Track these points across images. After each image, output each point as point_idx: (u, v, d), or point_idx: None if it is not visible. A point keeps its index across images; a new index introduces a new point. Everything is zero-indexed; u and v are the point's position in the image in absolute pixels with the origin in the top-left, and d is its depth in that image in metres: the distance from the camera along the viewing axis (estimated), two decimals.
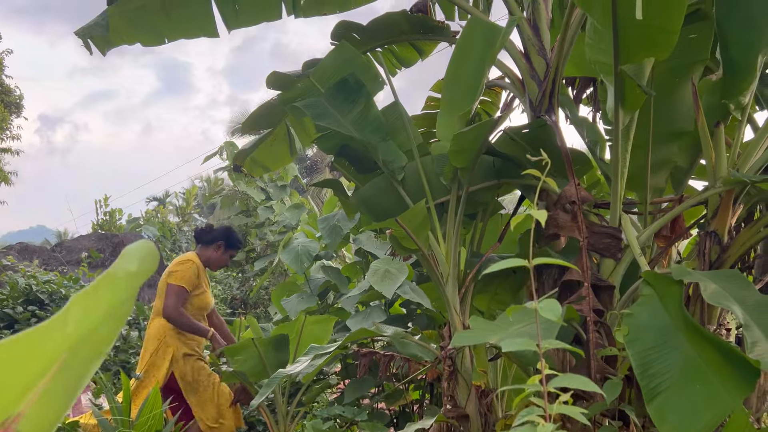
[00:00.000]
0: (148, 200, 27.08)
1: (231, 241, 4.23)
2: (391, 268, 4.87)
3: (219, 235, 4.19)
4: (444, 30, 3.81)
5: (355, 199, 3.39)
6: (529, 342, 1.27)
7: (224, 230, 4.26)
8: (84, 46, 3.98)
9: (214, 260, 4.16)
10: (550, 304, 1.26)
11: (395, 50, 4.09)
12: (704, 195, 2.64)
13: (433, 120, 4.25)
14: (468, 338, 2.08)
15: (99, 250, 7.99)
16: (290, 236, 7.10)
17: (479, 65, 2.90)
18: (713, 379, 1.95)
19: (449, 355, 3.05)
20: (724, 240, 2.64)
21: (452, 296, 3.10)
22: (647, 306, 2.22)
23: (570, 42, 3.07)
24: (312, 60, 3.95)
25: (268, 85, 4.04)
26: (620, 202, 2.66)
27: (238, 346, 3.64)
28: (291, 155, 4.48)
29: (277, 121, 4.34)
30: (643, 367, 2.06)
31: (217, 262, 4.20)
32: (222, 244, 4.17)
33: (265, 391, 2.96)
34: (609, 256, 2.64)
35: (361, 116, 3.26)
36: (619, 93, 2.42)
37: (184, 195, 14.68)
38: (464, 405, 3.04)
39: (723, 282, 2.14)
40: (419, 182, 3.15)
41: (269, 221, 9.82)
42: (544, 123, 3.01)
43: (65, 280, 5.91)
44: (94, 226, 12.57)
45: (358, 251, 6.02)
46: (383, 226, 2.91)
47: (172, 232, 13.05)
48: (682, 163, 3.19)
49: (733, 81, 2.57)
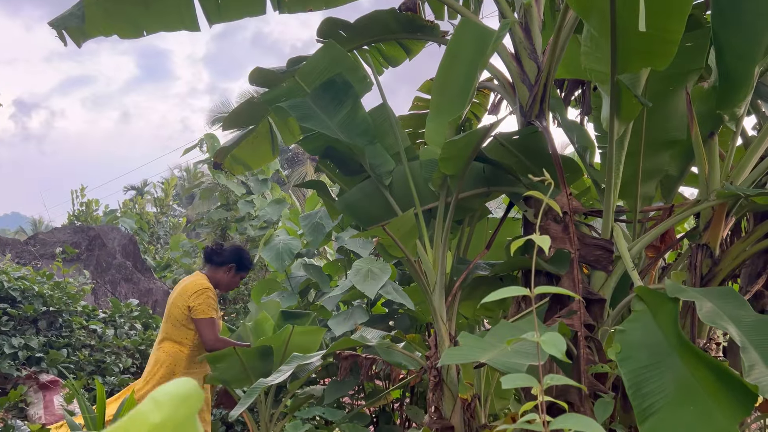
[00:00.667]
0: (126, 189, 26.71)
1: (242, 264, 4.07)
2: (374, 267, 4.80)
3: (230, 257, 4.02)
4: (433, 29, 3.72)
5: (341, 204, 3.30)
6: (530, 378, 1.19)
7: (235, 252, 4.10)
8: (58, 37, 3.82)
9: (224, 283, 4.03)
10: (553, 337, 1.19)
11: (382, 49, 3.99)
12: (697, 208, 2.59)
13: (421, 120, 4.17)
14: (457, 356, 2.01)
15: (74, 244, 7.80)
16: (271, 233, 6.99)
17: (470, 69, 2.82)
18: (708, 400, 1.91)
19: (435, 365, 2.98)
20: (716, 253, 2.60)
21: (439, 305, 3.03)
22: (640, 323, 2.17)
23: (562, 46, 3.00)
24: (297, 57, 3.84)
25: (251, 81, 3.92)
26: (612, 213, 2.61)
27: (220, 354, 3.54)
28: (273, 154, 4.37)
29: (259, 118, 4.22)
30: (636, 387, 2.01)
31: (228, 285, 4.06)
32: (233, 267, 4.02)
33: (246, 401, 2.87)
34: (600, 268, 2.59)
35: (348, 118, 3.17)
36: (615, 103, 2.36)
37: (163, 185, 14.43)
38: (449, 416, 2.97)
39: (718, 300, 2.09)
40: (407, 188, 3.07)
41: (249, 216, 9.66)
42: (535, 129, 2.94)
43: (39, 276, 5.73)
44: (70, 217, 12.30)
45: (340, 249, 5.93)
46: (370, 234, 2.83)
47: (150, 224, 12.84)
48: (673, 171, 3.15)
49: (729, 91, 2.52)
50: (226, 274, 4.00)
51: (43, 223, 27.21)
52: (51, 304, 5.47)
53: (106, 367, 5.29)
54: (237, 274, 4.04)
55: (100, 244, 8.45)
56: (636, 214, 3.02)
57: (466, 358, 2.02)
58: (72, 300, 5.69)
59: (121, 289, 8.20)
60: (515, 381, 1.21)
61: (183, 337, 3.84)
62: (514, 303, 3.23)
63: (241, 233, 9.70)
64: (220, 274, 3.99)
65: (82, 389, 4.35)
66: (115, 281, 8.19)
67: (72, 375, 4.97)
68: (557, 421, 1.16)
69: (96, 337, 5.60)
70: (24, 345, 4.98)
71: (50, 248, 7.77)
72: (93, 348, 5.50)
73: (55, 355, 5.03)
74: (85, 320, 5.69)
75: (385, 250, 2.96)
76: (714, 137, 2.68)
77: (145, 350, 5.78)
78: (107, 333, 5.67)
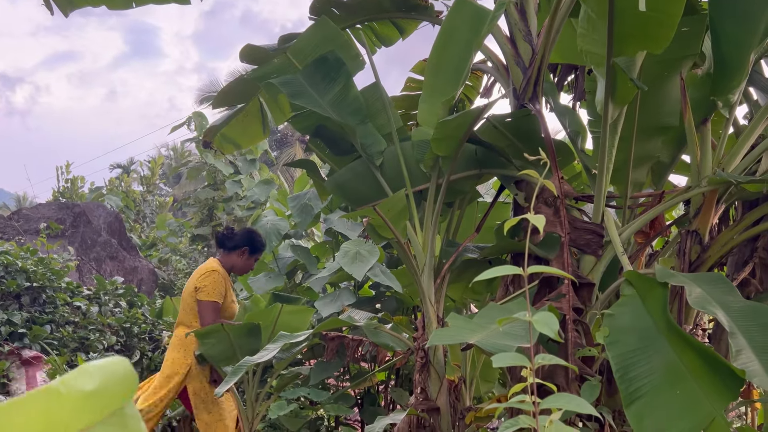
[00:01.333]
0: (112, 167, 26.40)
1: (255, 246, 4.10)
2: (362, 250, 4.77)
3: (242, 241, 4.05)
4: (427, 9, 3.67)
5: (331, 184, 3.26)
6: (521, 357, 1.18)
7: (247, 234, 4.13)
8: (44, 5, 3.73)
9: (238, 266, 4.06)
10: (545, 317, 1.18)
11: (375, 28, 3.93)
12: (688, 194, 2.60)
13: (413, 101, 4.13)
14: (446, 337, 2.00)
15: (59, 221, 7.69)
16: (259, 213, 6.96)
17: (465, 50, 2.79)
18: (694, 385, 1.92)
19: (422, 346, 2.98)
20: (705, 240, 2.61)
21: (427, 286, 3.02)
22: (629, 307, 2.17)
23: (557, 29, 2.97)
24: (288, 34, 3.77)
25: (241, 59, 3.85)
26: (604, 198, 2.60)
27: (208, 329, 3.51)
28: (264, 133, 4.32)
29: (249, 97, 4.16)
30: (623, 370, 2.02)
31: (242, 268, 4.10)
32: (246, 250, 4.04)
33: (231, 379, 2.86)
34: (590, 252, 2.59)
35: (339, 96, 3.13)
36: (610, 86, 2.34)
37: (150, 164, 14.28)
38: (435, 397, 2.98)
39: (707, 286, 2.10)
40: (398, 168, 3.05)
41: (237, 196, 9.59)
42: (528, 112, 2.92)
43: (22, 251, 5.65)
44: (55, 194, 12.14)
45: (328, 231, 5.90)
46: (361, 214, 2.81)
47: (136, 202, 12.71)
48: (665, 158, 3.15)
49: (723, 78, 2.52)
50: (239, 257, 4.03)
51: (27, 199, 26.88)
52: (35, 280, 5.40)
53: (90, 344, 5.25)
54: (251, 256, 4.08)
55: (86, 221, 8.35)
56: (626, 200, 3.02)
57: (454, 339, 2.02)
58: (56, 276, 5.62)
59: (106, 266, 8.13)
60: (506, 360, 1.19)
61: (193, 320, 3.88)
62: (502, 286, 3.22)
63: (229, 213, 9.64)
64: (234, 258, 4.02)
65: (65, 365, 4.32)
66: (100, 259, 8.12)
67: (55, 351, 4.93)
68: (548, 400, 1.15)
69: (80, 314, 5.54)
70: (6, 320, 4.91)
71: (34, 224, 7.66)
72: (77, 325, 5.45)
73: (38, 331, 4.97)
74: (69, 297, 5.63)
75: (374, 231, 2.94)
76: (707, 124, 2.67)
77: (130, 328, 5.74)
78: (91, 310, 5.61)
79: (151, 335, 5.92)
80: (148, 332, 5.88)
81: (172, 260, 10.25)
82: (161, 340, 5.85)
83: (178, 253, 10.65)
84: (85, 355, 4.96)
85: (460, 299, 3.70)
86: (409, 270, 3.18)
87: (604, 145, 2.51)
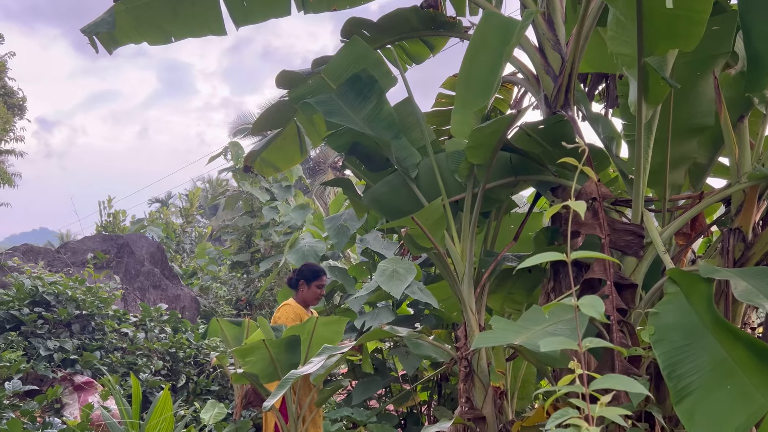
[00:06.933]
0: (151, 202, 27.06)
1: (306, 275, 4.55)
2: (399, 268, 4.79)
3: (297, 277, 4.56)
4: (455, 25, 3.75)
5: (367, 198, 3.32)
6: (569, 341, 1.20)
7: (299, 270, 4.65)
8: (90, 44, 3.92)
9: (308, 298, 4.55)
10: (591, 300, 1.20)
11: (406, 46, 4.03)
12: (729, 191, 2.58)
13: (444, 117, 4.19)
14: (492, 339, 2.02)
15: (104, 252, 7.93)
16: (296, 236, 7.05)
17: (495, 60, 2.84)
18: (745, 379, 1.89)
19: (465, 356, 2.99)
20: (748, 237, 2.57)
21: (468, 296, 3.04)
22: (673, 305, 2.16)
23: (586, 36, 3.01)
24: (321, 58, 3.89)
25: (277, 84, 3.98)
26: (642, 198, 2.60)
27: (249, 347, 3.58)
28: (301, 154, 4.43)
29: (286, 121, 4.29)
30: (671, 368, 2.00)
31: (312, 297, 4.56)
32: (303, 282, 4.53)
33: (278, 392, 2.90)
34: (631, 253, 2.58)
35: (373, 113, 3.20)
36: (642, 86, 2.36)
37: (188, 196, 14.62)
38: (481, 406, 2.97)
39: (753, 279, 2.07)
40: (433, 180, 3.09)
41: (274, 222, 9.73)
42: (560, 118, 2.95)
43: (71, 281, 5.84)
44: (98, 228, 12.50)
45: (365, 251, 5.95)
46: (399, 224, 2.85)
47: (176, 233, 12.99)
48: (702, 159, 3.13)
49: (758, 73, 2.50)
50: (303, 290, 4.54)
51: (71, 236, 27.68)
52: (84, 308, 5.58)
53: (138, 369, 5.37)
54: (311, 284, 4.54)
55: (129, 251, 8.58)
56: (665, 202, 3.00)
57: (499, 341, 2.04)
58: (104, 304, 5.79)
59: (149, 295, 8.31)
60: (555, 344, 1.22)
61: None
62: (543, 294, 3.22)
63: (266, 239, 9.78)
64: (301, 294, 4.54)
65: (117, 386, 4.43)
66: (143, 288, 8.31)
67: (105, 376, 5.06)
68: (600, 380, 1.17)
69: (127, 340, 5.69)
70: (59, 347, 5.08)
71: (80, 256, 7.91)
72: (125, 351, 5.59)
73: (88, 357, 5.12)
74: (116, 324, 5.78)
75: (412, 242, 2.98)
76: (744, 120, 2.66)
77: (175, 353, 5.86)
78: (138, 336, 5.76)
79: (196, 359, 6.03)
80: (193, 357, 5.99)
81: (213, 287, 10.42)
82: (208, 364, 5.95)
83: (218, 280, 10.82)
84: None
85: (499, 309, 3.70)
86: (448, 281, 3.20)
87: (639, 147, 2.52)
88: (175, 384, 5.66)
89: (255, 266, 9.88)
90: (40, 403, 4.22)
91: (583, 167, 1.38)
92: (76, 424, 3.58)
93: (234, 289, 10.33)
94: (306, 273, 4.57)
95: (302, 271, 4.62)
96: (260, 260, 9.72)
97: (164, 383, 5.24)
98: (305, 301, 4.55)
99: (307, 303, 4.57)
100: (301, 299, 4.54)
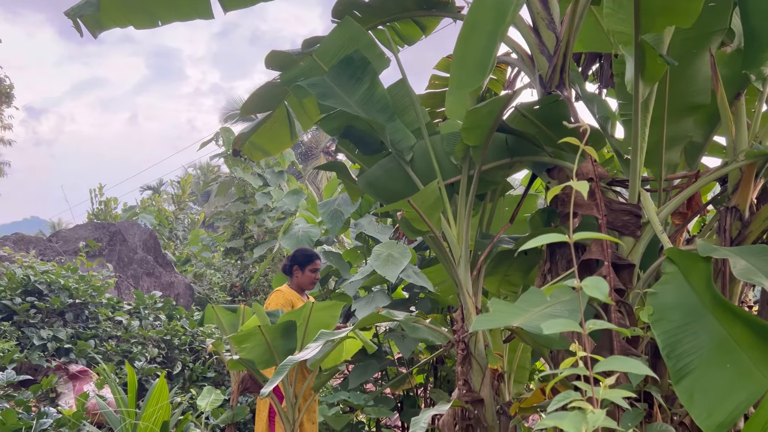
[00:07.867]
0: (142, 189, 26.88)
1: (300, 260, 4.55)
2: (394, 252, 4.78)
3: (291, 263, 4.57)
4: (448, 5, 3.69)
5: (362, 182, 3.29)
6: (572, 323, 1.19)
7: (291, 257, 4.66)
8: (74, 27, 3.84)
9: (303, 283, 4.55)
10: (595, 281, 1.18)
11: (398, 27, 3.97)
12: (726, 170, 2.56)
13: (437, 99, 4.15)
14: (490, 321, 2.00)
15: (96, 240, 7.87)
16: (290, 222, 7.01)
17: (489, 40, 2.80)
18: (745, 357, 1.88)
19: (462, 338, 2.98)
20: (745, 215, 2.56)
21: (464, 278, 3.02)
22: (672, 284, 2.14)
23: (581, 14, 2.96)
24: (312, 38, 3.83)
25: (267, 65, 3.92)
26: (639, 178, 2.58)
27: (245, 333, 3.56)
28: (291, 138, 4.38)
29: (276, 104, 4.23)
30: (670, 347, 1.99)
31: (307, 282, 4.55)
32: (297, 267, 4.53)
33: (276, 378, 2.89)
34: (628, 233, 2.57)
35: (366, 95, 3.16)
36: (639, 64, 2.33)
37: (179, 183, 14.51)
38: (479, 389, 2.97)
39: (752, 258, 2.06)
40: (428, 162, 3.06)
41: (267, 207, 9.68)
42: (556, 98, 2.91)
43: (63, 270, 5.79)
44: (90, 216, 12.41)
45: (359, 236, 5.93)
46: (395, 207, 2.82)
47: (169, 220, 12.92)
48: (698, 138, 3.11)
49: (755, 50, 2.48)
50: (298, 275, 4.53)
51: (62, 224, 27.50)
52: (77, 297, 5.54)
53: (133, 357, 5.35)
54: (304, 269, 4.52)
55: (121, 239, 8.52)
56: (661, 182, 2.98)
57: (498, 323, 2.02)
58: (97, 292, 5.75)
59: (143, 283, 8.27)
60: (558, 326, 1.20)
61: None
62: (539, 276, 3.21)
63: (260, 225, 9.74)
64: (295, 279, 4.55)
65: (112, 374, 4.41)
66: (137, 275, 8.27)
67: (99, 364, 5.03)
68: (603, 363, 1.15)
69: (122, 328, 5.66)
70: (52, 337, 5.04)
71: (72, 245, 7.85)
72: (119, 339, 5.56)
73: (83, 346, 5.09)
74: (110, 312, 5.75)
75: (408, 225, 2.95)
76: (740, 98, 2.64)
77: (170, 340, 5.84)
78: (132, 324, 5.73)
79: (192, 346, 6.01)
80: (189, 343, 5.97)
81: (206, 274, 10.38)
82: (203, 350, 5.93)
83: (212, 267, 10.78)
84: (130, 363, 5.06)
85: (496, 292, 3.69)
86: (444, 264, 3.19)
87: (636, 125, 2.49)
88: (170, 371, 5.65)
89: (249, 252, 9.84)
90: (35, 393, 4.20)
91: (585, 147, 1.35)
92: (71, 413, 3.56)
93: (228, 276, 10.30)
94: (299, 258, 4.58)
95: (295, 256, 4.63)
96: (254, 246, 9.68)
97: (160, 371, 5.22)
98: (300, 286, 4.55)
99: (303, 288, 4.57)
100: (296, 285, 4.55)
